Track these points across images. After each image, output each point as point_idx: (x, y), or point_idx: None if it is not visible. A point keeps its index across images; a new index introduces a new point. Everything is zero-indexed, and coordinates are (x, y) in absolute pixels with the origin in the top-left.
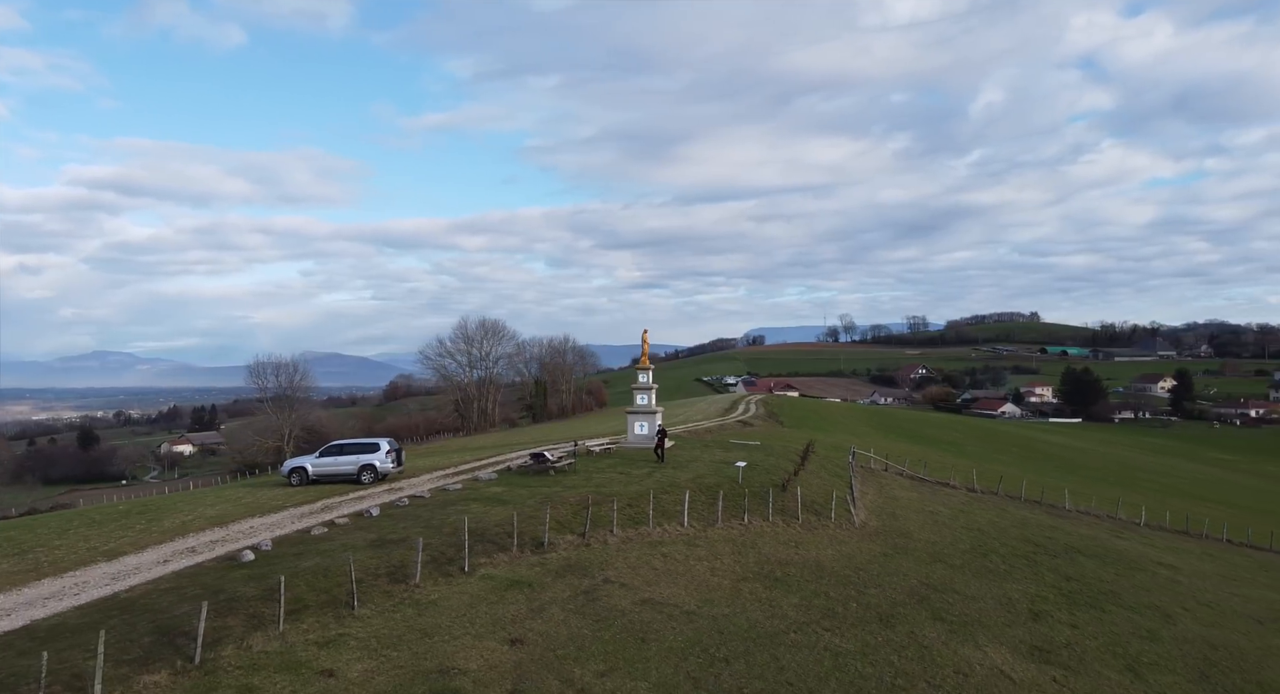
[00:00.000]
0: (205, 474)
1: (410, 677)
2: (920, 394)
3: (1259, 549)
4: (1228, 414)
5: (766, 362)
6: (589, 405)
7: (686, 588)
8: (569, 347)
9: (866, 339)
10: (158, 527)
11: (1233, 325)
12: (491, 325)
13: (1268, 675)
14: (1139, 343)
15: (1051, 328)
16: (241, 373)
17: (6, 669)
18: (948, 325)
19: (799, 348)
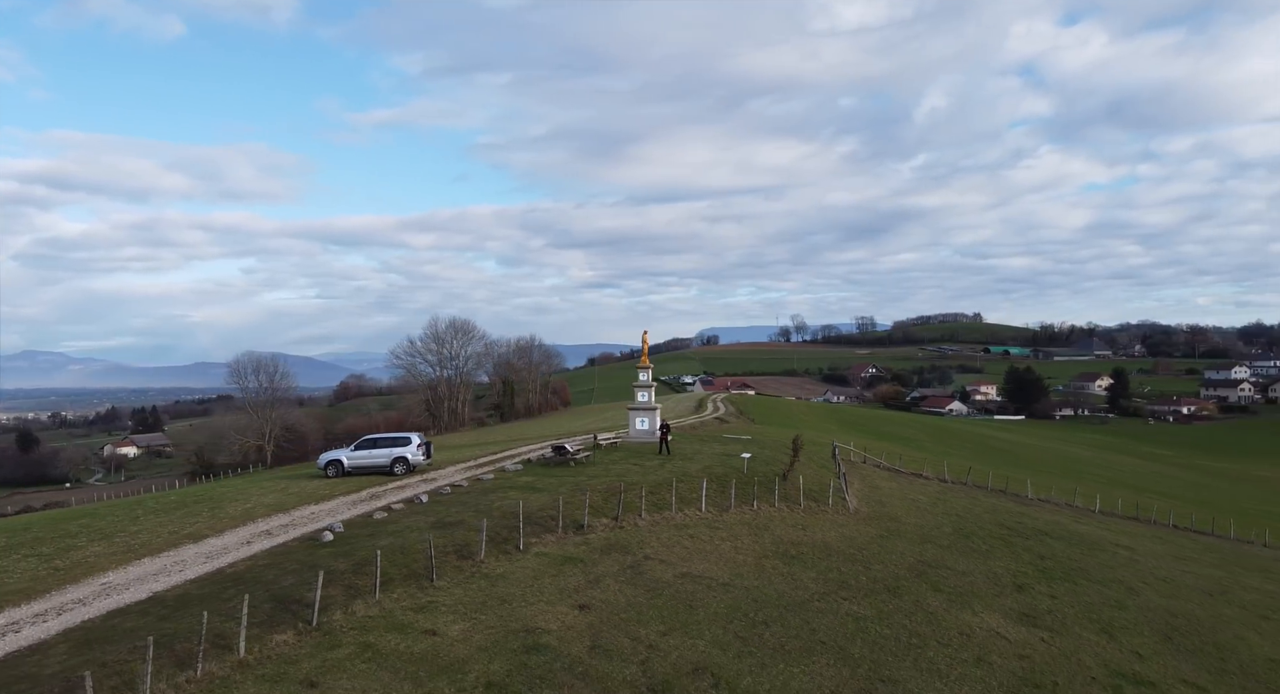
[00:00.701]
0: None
1: (502, 635)
2: (871, 392)
3: (1201, 533)
4: (1161, 411)
5: (722, 361)
6: (554, 405)
7: (717, 564)
8: (534, 346)
9: (817, 339)
10: (223, 513)
11: (1164, 326)
12: (462, 325)
13: (1221, 638)
14: (1077, 343)
15: (994, 328)
16: (180, 373)
17: (159, 629)
18: (895, 326)
19: (752, 348)
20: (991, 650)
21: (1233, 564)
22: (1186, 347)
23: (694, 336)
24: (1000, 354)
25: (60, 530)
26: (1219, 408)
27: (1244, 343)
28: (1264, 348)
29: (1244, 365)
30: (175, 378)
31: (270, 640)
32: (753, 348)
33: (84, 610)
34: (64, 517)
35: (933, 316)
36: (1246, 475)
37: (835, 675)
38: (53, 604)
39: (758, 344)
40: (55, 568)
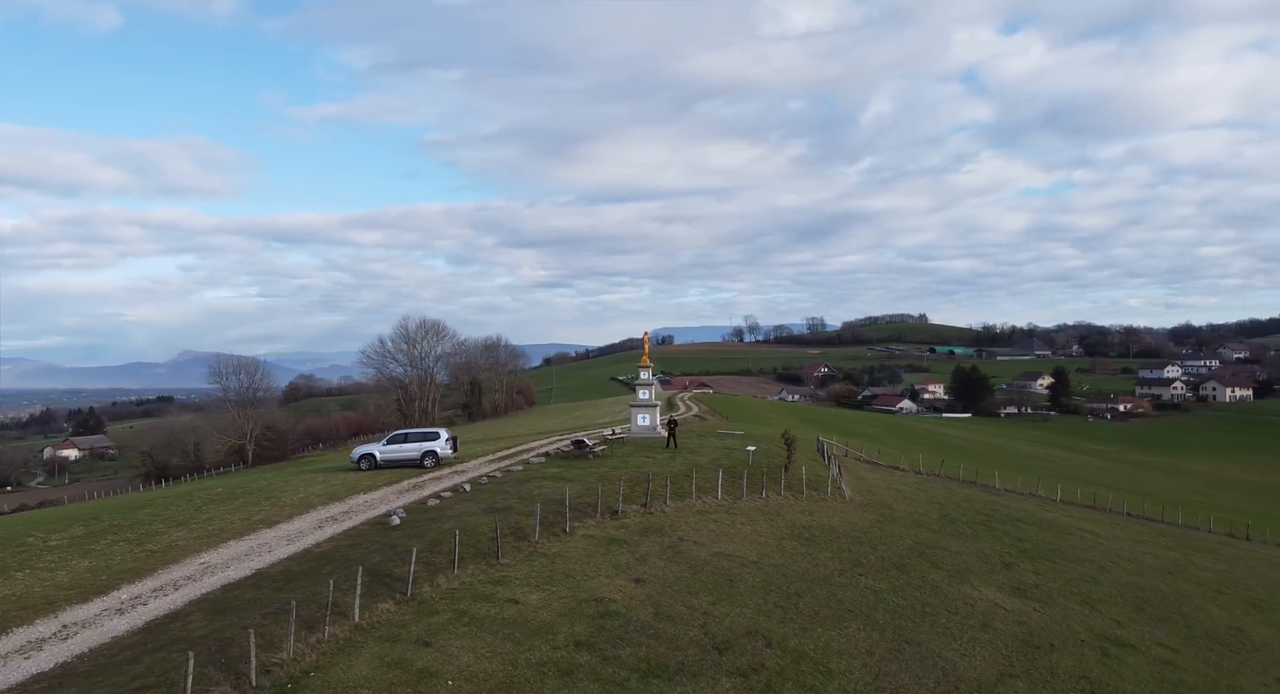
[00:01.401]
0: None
1: (575, 603)
2: (825, 391)
3: (1152, 520)
4: (1100, 409)
5: (678, 361)
6: (519, 404)
7: (743, 545)
8: (501, 346)
9: (770, 339)
10: (281, 502)
11: (1099, 326)
12: (433, 325)
13: (1185, 609)
14: (1018, 343)
15: (939, 328)
16: (114, 373)
17: (277, 599)
18: (844, 326)
19: (707, 347)
20: (994, 618)
21: (1184, 547)
22: (1121, 347)
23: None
24: (945, 354)
25: (132, 519)
26: (1153, 406)
27: (1174, 343)
28: (1194, 348)
29: (1176, 365)
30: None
31: (376, 608)
32: (708, 348)
33: (197, 585)
34: (130, 505)
35: (880, 317)
36: (1182, 470)
37: (866, 638)
38: (164, 581)
39: (712, 344)
40: (149, 550)
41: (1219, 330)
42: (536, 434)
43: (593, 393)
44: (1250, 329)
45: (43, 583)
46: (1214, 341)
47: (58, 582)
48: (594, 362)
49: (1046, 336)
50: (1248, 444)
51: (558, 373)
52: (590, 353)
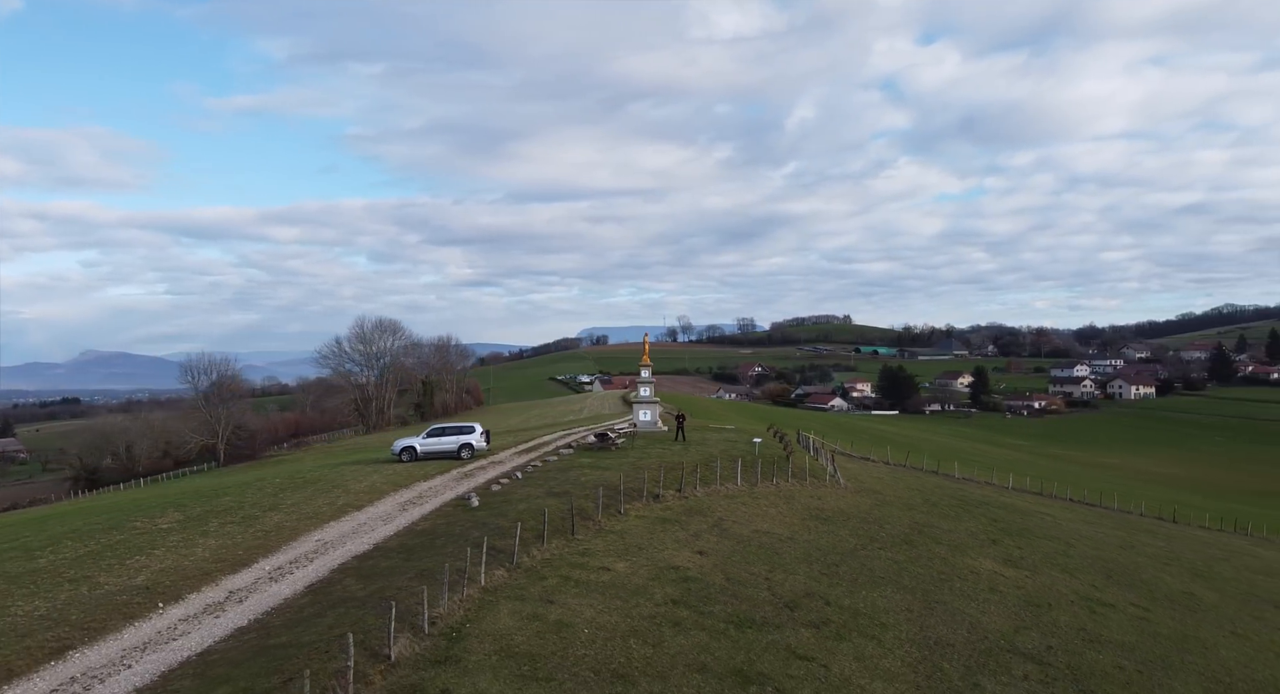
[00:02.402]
0: (14, 482)
1: (656, 570)
2: (760, 390)
3: (1091, 505)
4: (1017, 406)
5: (615, 360)
6: (467, 404)
7: (774, 524)
8: (451, 346)
9: (703, 339)
10: (353, 490)
11: (1010, 327)
12: (389, 325)
13: (1143, 577)
14: (936, 343)
15: (862, 329)
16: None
17: (409, 567)
18: (772, 327)
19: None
20: (998, 583)
21: (1126, 528)
22: (1033, 347)
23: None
24: (870, 354)
25: (218, 506)
26: (1066, 403)
27: (1081, 344)
28: (1099, 348)
29: (1085, 364)
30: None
31: (493, 574)
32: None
33: (328, 558)
34: (209, 492)
35: (807, 318)
36: (1096, 463)
37: (901, 600)
38: (294, 555)
39: None
40: (262, 530)
41: (1121, 331)
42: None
43: (533, 393)
44: (1148, 330)
45: (186, 558)
46: (1117, 342)
47: (200, 557)
48: (530, 361)
49: (963, 337)
50: (1152, 438)
51: (494, 373)
52: (524, 353)
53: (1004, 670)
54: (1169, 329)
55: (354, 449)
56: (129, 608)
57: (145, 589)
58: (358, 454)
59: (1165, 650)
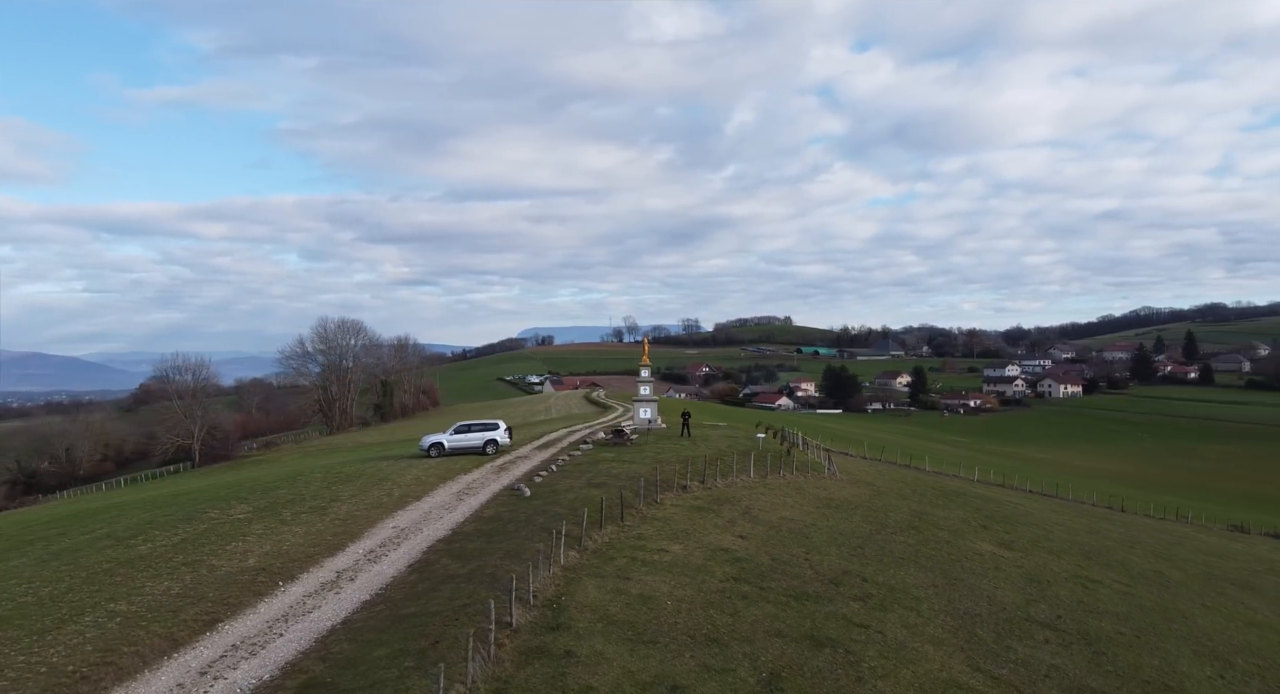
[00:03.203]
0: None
1: (708, 552)
2: (709, 390)
3: (1049, 496)
4: (954, 405)
5: (563, 361)
6: (424, 405)
7: (795, 511)
8: (409, 346)
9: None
10: (401, 482)
11: (941, 328)
12: (351, 325)
13: (1116, 558)
14: (874, 344)
15: (803, 330)
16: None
17: (494, 548)
18: (716, 327)
19: (590, 348)
20: (999, 563)
21: (1086, 516)
22: (965, 347)
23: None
24: (811, 354)
25: (277, 498)
26: (999, 401)
27: (1010, 344)
28: (1028, 349)
29: (1015, 364)
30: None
31: (567, 555)
32: (590, 348)
33: (415, 541)
34: (261, 486)
35: (749, 319)
36: (1031, 458)
37: (925, 577)
38: (379, 539)
39: (594, 344)
40: (338, 518)
41: (1046, 333)
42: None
43: (482, 393)
44: (1071, 332)
45: (282, 544)
46: (1044, 343)
47: (293, 542)
48: (475, 362)
49: (899, 338)
50: (1081, 435)
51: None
52: (467, 353)
53: (1027, 636)
54: (1090, 330)
55: (330, 448)
56: (255, 586)
57: (260, 570)
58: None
59: (1152, 620)
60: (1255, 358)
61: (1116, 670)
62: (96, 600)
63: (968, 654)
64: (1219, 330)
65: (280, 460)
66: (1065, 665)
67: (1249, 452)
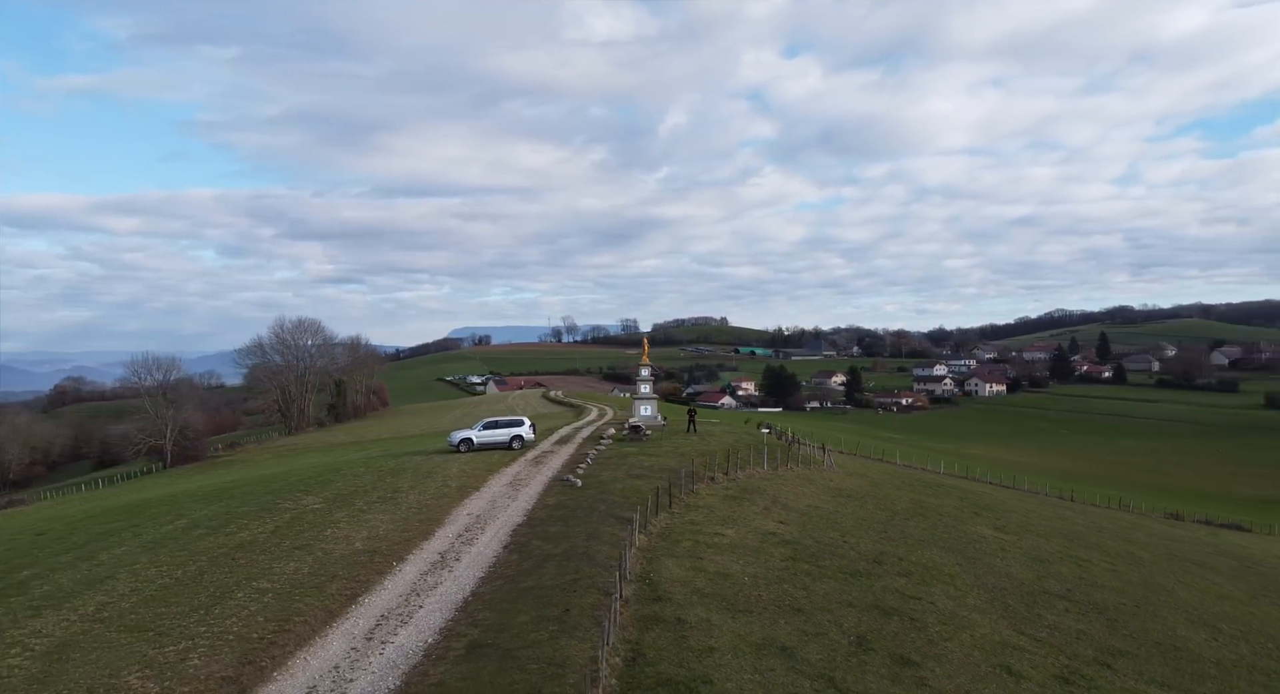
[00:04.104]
0: None
1: (758, 536)
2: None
3: (1007, 487)
4: (887, 403)
5: (504, 361)
6: (374, 405)
7: (813, 500)
8: (361, 346)
9: (588, 340)
10: (449, 475)
11: (867, 329)
12: (309, 324)
13: (1091, 541)
14: (807, 344)
15: (739, 331)
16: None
17: (572, 532)
18: (654, 327)
19: (530, 348)
20: (1003, 544)
21: (1048, 505)
22: (893, 347)
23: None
24: (748, 354)
25: (340, 490)
26: (929, 400)
27: (935, 345)
28: (952, 349)
29: (942, 364)
30: None
31: (637, 537)
32: (530, 348)
33: (497, 526)
34: (304, 481)
35: (686, 319)
36: (963, 453)
37: (948, 557)
38: (461, 525)
39: (533, 344)
40: (412, 507)
41: (967, 333)
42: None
43: (424, 394)
44: (990, 333)
45: (375, 530)
46: (968, 343)
47: (385, 529)
48: (411, 362)
49: (830, 338)
50: (1008, 432)
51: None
52: (401, 353)
53: (1049, 606)
54: (1008, 331)
55: (302, 449)
56: (373, 566)
57: (369, 552)
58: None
59: (1142, 593)
60: (1163, 358)
61: (1130, 634)
62: (237, 580)
63: (1008, 621)
64: (1128, 331)
65: (254, 461)
66: (1089, 630)
67: (1162, 447)
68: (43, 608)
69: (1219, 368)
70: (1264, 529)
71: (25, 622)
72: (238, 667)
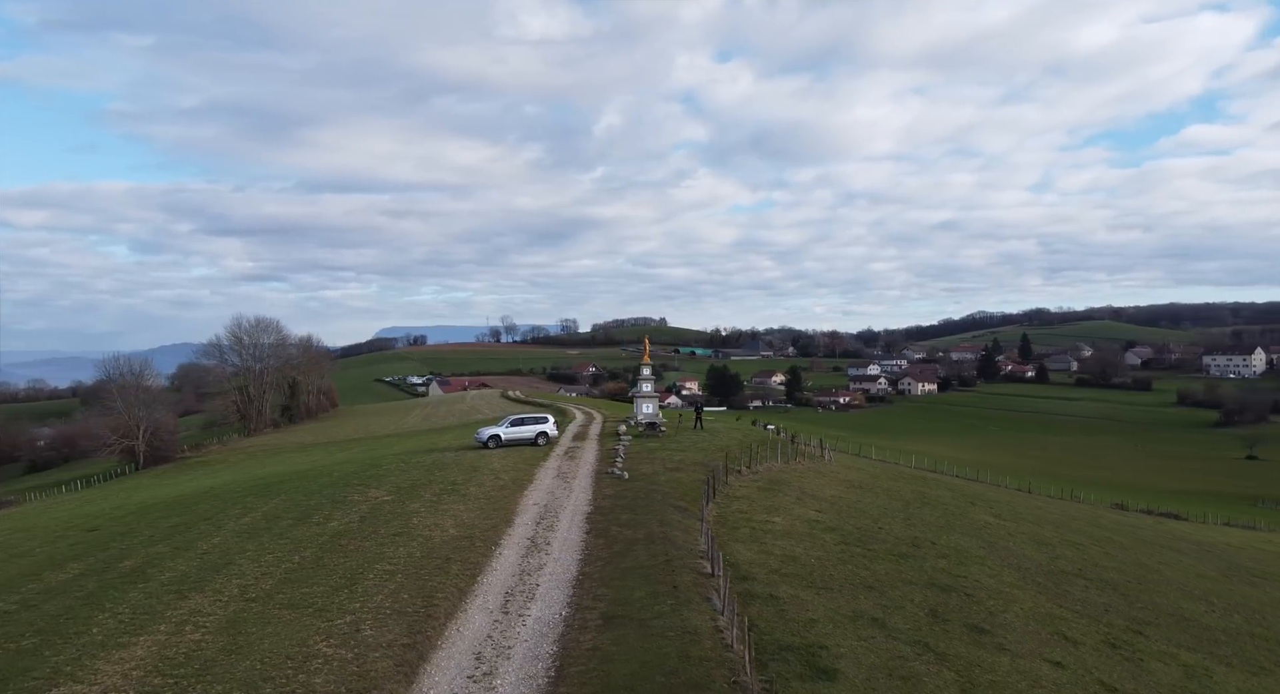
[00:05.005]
0: None
1: (804, 523)
2: (598, 389)
3: (972, 480)
4: (826, 401)
5: (444, 361)
6: (325, 406)
7: (834, 491)
8: (314, 345)
9: (527, 340)
10: (494, 468)
11: (798, 330)
12: (268, 324)
13: (1074, 527)
14: (745, 345)
15: (678, 331)
16: None
17: (642, 517)
18: (594, 328)
19: (467, 348)
20: (1009, 531)
21: (1018, 496)
22: (827, 348)
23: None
24: (689, 354)
25: (401, 483)
26: (865, 398)
27: (865, 345)
28: (883, 350)
29: (875, 364)
30: None
31: (704, 524)
32: (468, 348)
33: (569, 515)
34: (346, 476)
35: (626, 320)
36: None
37: (970, 541)
38: (535, 514)
39: (469, 344)
40: (480, 498)
41: (894, 334)
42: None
43: (364, 396)
44: (916, 334)
45: (459, 517)
46: (896, 344)
47: (466, 518)
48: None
49: (766, 339)
50: (942, 428)
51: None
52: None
53: (1070, 583)
54: (933, 332)
55: (273, 451)
56: (475, 550)
57: (465, 538)
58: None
59: (1138, 572)
60: (1081, 358)
61: (1145, 606)
62: (357, 563)
63: (1045, 596)
64: (1045, 333)
65: (230, 463)
66: (1111, 603)
67: (1084, 442)
68: (186, 591)
69: (1132, 368)
70: (1199, 518)
71: (176, 603)
72: (409, 635)
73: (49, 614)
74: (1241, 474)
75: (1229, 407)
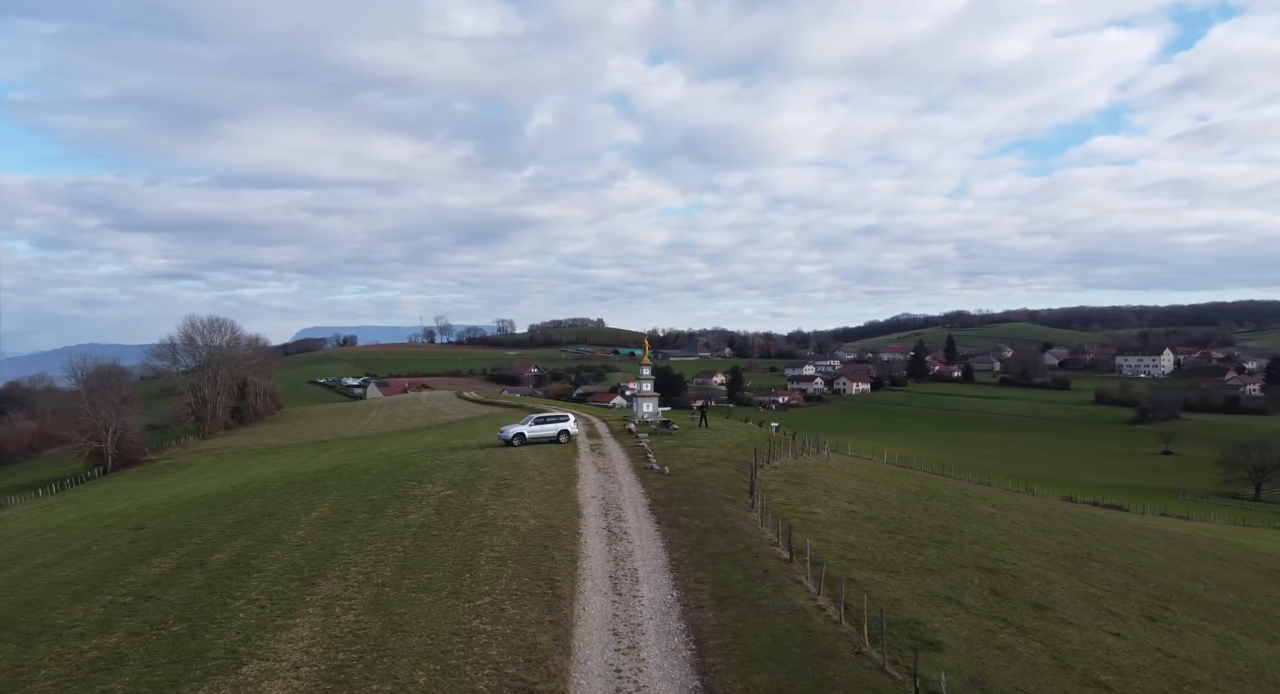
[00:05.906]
0: None
1: (843, 514)
2: (542, 390)
3: (942, 475)
4: (766, 401)
5: (378, 362)
6: (270, 408)
7: (852, 485)
8: (262, 346)
9: (463, 341)
10: (534, 464)
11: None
12: (223, 323)
13: (1056, 516)
14: (683, 346)
15: (617, 332)
16: None
17: (702, 508)
18: (531, 328)
19: (400, 348)
20: (1011, 519)
21: (992, 490)
22: (762, 349)
23: (303, 335)
24: (628, 355)
25: (454, 477)
26: (804, 397)
27: (797, 346)
28: (815, 350)
29: (810, 364)
30: None
31: (741, 510)
32: (401, 349)
33: (628, 507)
34: (394, 472)
35: (563, 321)
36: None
37: (988, 529)
38: (598, 506)
39: (402, 345)
40: (540, 491)
41: (823, 336)
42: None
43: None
44: (843, 335)
45: (531, 509)
46: (827, 345)
47: (537, 510)
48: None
49: (702, 340)
50: (878, 427)
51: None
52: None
53: (1087, 564)
54: (859, 334)
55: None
56: (563, 538)
57: (545, 528)
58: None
59: (1132, 556)
60: (1003, 358)
61: (1156, 585)
62: (461, 551)
63: (1075, 576)
64: (966, 334)
65: (198, 465)
66: (1128, 582)
67: (1011, 439)
68: (311, 578)
69: (1051, 368)
70: (1139, 509)
71: (308, 590)
72: (550, 613)
73: (175, 603)
74: (1160, 468)
75: (1144, 405)
